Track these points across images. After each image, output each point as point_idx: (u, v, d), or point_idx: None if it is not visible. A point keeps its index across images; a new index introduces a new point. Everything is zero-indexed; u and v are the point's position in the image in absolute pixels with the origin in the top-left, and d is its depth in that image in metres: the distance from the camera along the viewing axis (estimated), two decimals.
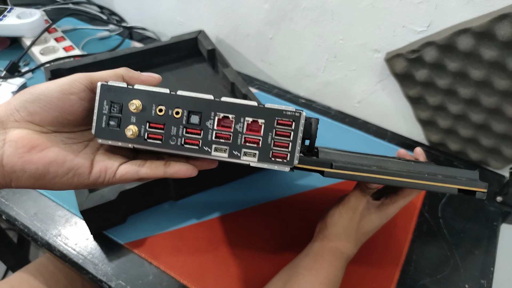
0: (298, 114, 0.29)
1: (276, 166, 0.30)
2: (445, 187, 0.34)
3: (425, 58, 0.57)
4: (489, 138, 0.60)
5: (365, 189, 0.41)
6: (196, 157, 0.31)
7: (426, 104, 0.63)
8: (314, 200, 0.57)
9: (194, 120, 0.30)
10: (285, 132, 0.30)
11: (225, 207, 0.55)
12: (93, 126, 0.30)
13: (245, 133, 0.30)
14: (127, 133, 0.30)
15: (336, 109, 0.74)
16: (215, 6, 0.75)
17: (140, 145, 0.30)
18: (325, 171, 0.33)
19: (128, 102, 0.30)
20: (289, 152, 0.30)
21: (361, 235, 0.43)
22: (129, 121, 0.30)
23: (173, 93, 0.30)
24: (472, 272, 0.50)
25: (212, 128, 0.30)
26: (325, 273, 0.40)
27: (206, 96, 0.30)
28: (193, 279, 0.47)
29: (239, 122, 0.30)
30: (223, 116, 0.30)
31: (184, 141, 0.30)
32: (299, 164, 0.31)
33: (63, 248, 0.49)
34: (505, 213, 0.58)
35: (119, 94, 0.30)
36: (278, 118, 0.30)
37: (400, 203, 0.43)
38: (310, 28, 0.66)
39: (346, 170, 0.34)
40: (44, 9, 0.91)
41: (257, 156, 0.30)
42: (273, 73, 0.78)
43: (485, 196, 0.34)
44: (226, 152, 0.30)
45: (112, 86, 0.30)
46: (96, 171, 0.30)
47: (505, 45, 0.50)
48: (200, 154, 0.30)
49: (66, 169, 0.29)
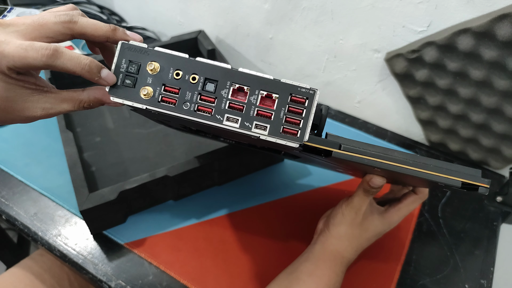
0: (312, 92, 0.30)
1: (286, 141, 0.30)
2: (449, 178, 0.34)
3: (425, 58, 0.57)
4: (489, 138, 0.60)
5: (368, 188, 0.40)
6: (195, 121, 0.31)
7: (426, 104, 0.63)
8: (314, 200, 0.57)
9: (210, 88, 0.30)
10: (298, 109, 0.30)
11: (225, 207, 0.55)
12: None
13: (258, 106, 0.30)
14: (141, 93, 0.30)
15: (336, 109, 0.74)
16: (215, 6, 0.75)
17: (153, 107, 0.30)
18: (334, 151, 0.34)
19: (146, 63, 0.30)
20: (300, 129, 0.30)
21: (364, 240, 0.43)
22: (145, 82, 0.30)
23: (191, 58, 0.30)
24: (472, 272, 0.50)
25: (226, 98, 0.30)
26: (326, 280, 0.40)
27: (223, 65, 0.30)
28: (193, 279, 0.47)
29: (254, 94, 0.30)
30: (239, 86, 0.30)
31: (197, 108, 0.30)
32: (308, 142, 0.31)
33: (63, 248, 0.49)
34: (505, 213, 0.58)
35: (138, 54, 0.30)
36: (292, 94, 0.30)
37: (403, 211, 0.43)
38: (310, 28, 0.66)
39: (354, 152, 0.34)
40: (44, 9, 0.91)
41: (268, 130, 0.30)
42: (273, 73, 0.78)
43: (487, 192, 0.34)
44: (238, 123, 0.30)
45: (132, 46, 0.30)
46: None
47: (505, 45, 0.50)
48: (212, 121, 0.30)
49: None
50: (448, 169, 0.35)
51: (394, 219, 0.43)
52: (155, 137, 0.63)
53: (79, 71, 0.30)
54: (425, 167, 0.35)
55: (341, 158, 0.34)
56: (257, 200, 0.56)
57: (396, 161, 0.34)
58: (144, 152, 0.61)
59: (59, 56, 0.29)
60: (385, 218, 0.43)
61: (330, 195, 0.58)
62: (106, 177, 0.56)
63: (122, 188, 0.48)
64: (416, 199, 0.43)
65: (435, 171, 0.34)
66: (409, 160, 0.35)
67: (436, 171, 0.34)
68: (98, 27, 0.31)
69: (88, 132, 0.63)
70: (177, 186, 0.53)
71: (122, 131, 0.64)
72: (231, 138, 0.43)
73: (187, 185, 0.54)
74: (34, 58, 0.28)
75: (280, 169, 0.61)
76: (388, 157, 0.35)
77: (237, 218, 0.54)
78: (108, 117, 0.66)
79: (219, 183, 0.58)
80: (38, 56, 0.28)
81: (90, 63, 0.30)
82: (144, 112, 0.33)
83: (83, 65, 0.30)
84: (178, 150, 0.61)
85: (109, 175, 0.57)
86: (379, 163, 0.34)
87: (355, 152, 0.34)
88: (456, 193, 0.60)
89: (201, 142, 0.62)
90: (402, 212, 0.43)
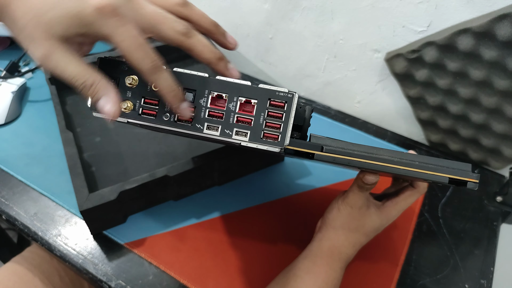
0: (290, 96, 0.30)
1: (267, 146, 0.30)
2: (435, 175, 0.34)
3: (425, 58, 0.57)
4: (489, 138, 0.60)
5: (363, 185, 0.40)
6: (184, 132, 0.31)
7: (426, 104, 0.63)
8: (314, 200, 0.57)
9: (188, 98, 0.30)
10: (277, 113, 0.30)
11: (225, 207, 0.55)
12: (89, 99, 0.30)
13: (238, 112, 0.30)
14: (122, 107, 0.30)
15: (336, 109, 0.74)
16: (215, 6, 0.75)
17: (134, 120, 0.31)
18: (316, 153, 0.33)
19: (125, 76, 0.30)
20: (280, 133, 0.30)
21: (361, 235, 0.43)
22: (124, 96, 0.31)
23: (169, 70, 0.30)
24: (472, 272, 0.50)
25: (205, 106, 0.30)
26: (323, 276, 0.40)
27: (201, 74, 0.30)
28: (193, 279, 0.47)
29: (232, 101, 0.30)
30: (217, 94, 0.30)
31: (178, 118, 0.30)
32: (289, 145, 0.31)
33: (63, 248, 0.49)
34: (505, 213, 0.58)
35: (117, 69, 0.30)
36: (271, 99, 0.30)
37: (401, 204, 0.43)
38: (310, 28, 0.66)
39: (336, 153, 0.33)
40: None
41: (248, 136, 0.30)
42: (273, 73, 0.78)
43: (476, 187, 0.34)
44: (218, 131, 0.30)
45: (111, 61, 0.31)
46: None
47: (505, 45, 0.50)
48: (192, 131, 0.30)
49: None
50: (435, 166, 0.34)
51: (392, 214, 0.43)
52: (155, 137, 0.63)
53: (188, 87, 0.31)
54: (411, 165, 0.34)
55: (324, 160, 0.33)
56: (257, 200, 0.56)
57: (380, 160, 0.34)
58: (144, 152, 0.60)
59: (193, 42, 0.31)
60: (383, 212, 0.43)
61: (330, 195, 0.58)
62: (106, 177, 0.56)
63: (122, 188, 0.48)
64: (414, 193, 0.43)
65: (421, 168, 0.34)
66: (395, 158, 0.34)
67: (421, 168, 0.34)
68: (206, 51, 0.32)
69: (88, 132, 0.63)
70: (177, 186, 0.53)
71: (122, 131, 0.64)
72: (219, 143, 0.43)
73: (187, 185, 0.54)
74: (170, 29, 0.29)
75: (280, 169, 0.61)
76: (372, 156, 0.34)
77: (237, 218, 0.54)
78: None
79: (219, 183, 0.58)
80: (172, 31, 0.30)
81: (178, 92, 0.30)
82: (128, 124, 0.33)
83: (175, 90, 0.29)
84: (178, 150, 0.61)
85: (109, 175, 0.57)
86: (362, 163, 0.34)
87: (338, 154, 0.34)
88: (456, 193, 0.60)
89: (201, 142, 0.62)
90: (399, 206, 0.43)
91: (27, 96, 0.71)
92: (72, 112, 0.66)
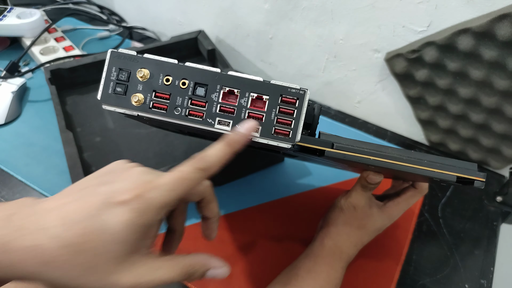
0: (302, 92, 0.30)
1: (278, 142, 0.30)
2: (444, 173, 0.34)
3: (425, 58, 0.57)
4: (489, 138, 0.60)
5: (366, 184, 0.40)
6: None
7: (426, 104, 0.63)
8: (314, 200, 0.57)
9: (200, 92, 0.30)
10: (288, 110, 0.30)
11: (225, 207, 0.55)
12: (100, 92, 0.30)
13: (249, 108, 0.30)
14: (132, 100, 0.30)
15: (336, 109, 0.74)
16: (215, 6, 0.75)
17: (145, 113, 0.31)
18: (326, 150, 0.34)
19: (136, 70, 0.30)
20: (292, 130, 0.30)
21: (363, 235, 0.43)
22: (135, 89, 0.30)
23: (181, 64, 0.30)
24: (472, 272, 0.50)
25: (217, 101, 0.30)
26: (324, 276, 0.40)
27: (213, 69, 0.30)
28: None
29: (244, 96, 0.30)
30: (229, 90, 0.30)
31: (189, 112, 0.30)
32: (300, 142, 0.31)
33: None
34: (505, 213, 0.58)
35: (128, 62, 0.30)
36: (282, 95, 0.30)
37: (402, 205, 0.43)
38: (310, 28, 0.66)
39: (346, 151, 0.34)
40: (44, 9, 0.91)
41: (259, 131, 0.30)
42: (273, 73, 0.78)
43: (483, 185, 0.34)
44: (229, 126, 0.30)
45: (122, 54, 0.30)
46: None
47: (505, 45, 0.50)
48: (203, 125, 0.30)
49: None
50: (442, 164, 0.34)
51: (394, 214, 0.43)
52: (155, 137, 0.63)
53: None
54: (419, 163, 0.34)
55: (334, 157, 0.34)
56: (257, 200, 0.56)
57: (390, 158, 0.34)
58: (144, 152, 0.60)
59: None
60: (384, 212, 0.43)
61: (330, 195, 0.58)
62: None
63: None
64: (416, 193, 0.43)
65: (429, 167, 0.34)
66: (403, 156, 0.34)
67: (430, 167, 0.34)
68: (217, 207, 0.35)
69: (88, 132, 0.63)
70: None
71: (122, 131, 0.64)
72: None
73: None
74: (194, 176, 0.27)
75: (280, 169, 0.61)
76: (381, 154, 0.34)
77: (237, 218, 0.54)
78: (108, 117, 0.66)
79: (219, 183, 0.58)
80: (195, 173, 0.27)
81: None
82: (137, 118, 0.33)
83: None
84: (178, 150, 0.61)
85: None
86: (372, 161, 0.34)
87: (348, 151, 0.34)
88: (456, 193, 0.60)
89: (201, 142, 0.62)
90: (401, 206, 0.43)
91: (27, 96, 0.71)
92: (72, 112, 0.66)
